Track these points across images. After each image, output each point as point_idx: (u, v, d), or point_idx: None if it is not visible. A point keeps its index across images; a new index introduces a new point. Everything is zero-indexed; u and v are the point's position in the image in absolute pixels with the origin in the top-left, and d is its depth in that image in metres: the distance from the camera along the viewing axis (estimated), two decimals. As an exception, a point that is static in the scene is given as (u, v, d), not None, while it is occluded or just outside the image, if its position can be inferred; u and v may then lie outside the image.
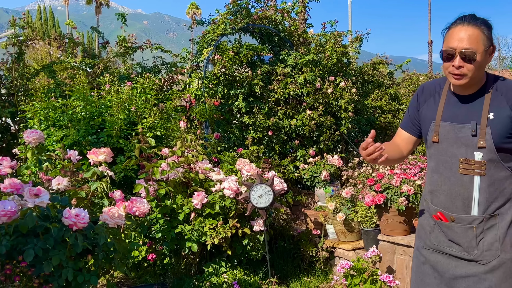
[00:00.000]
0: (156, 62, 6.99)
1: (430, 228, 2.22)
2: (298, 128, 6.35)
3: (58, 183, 3.37)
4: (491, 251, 2.04)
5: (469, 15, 2.03)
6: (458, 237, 2.09)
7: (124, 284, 4.51)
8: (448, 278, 2.13)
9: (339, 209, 4.70)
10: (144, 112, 4.94)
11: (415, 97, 2.32)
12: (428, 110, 2.22)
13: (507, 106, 2.01)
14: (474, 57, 1.95)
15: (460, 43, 1.96)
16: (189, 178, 4.10)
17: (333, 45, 6.78)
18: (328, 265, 4.83)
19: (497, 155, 2.00)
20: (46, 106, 4.77)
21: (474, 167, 2.02)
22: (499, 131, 1.99)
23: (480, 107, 2.04)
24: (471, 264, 2.08)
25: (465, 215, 2.06)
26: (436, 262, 2.19)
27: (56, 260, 2.77)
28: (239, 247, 4.18)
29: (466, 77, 2.00)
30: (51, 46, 14.06)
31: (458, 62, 1.98)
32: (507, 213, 2.05)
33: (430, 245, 2.22)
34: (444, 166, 2.12)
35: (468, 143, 2.03)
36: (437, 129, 2.13)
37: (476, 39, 1.96)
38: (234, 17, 6.47)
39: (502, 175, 2.03)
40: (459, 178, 2.06)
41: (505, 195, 2.05)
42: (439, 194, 2.15)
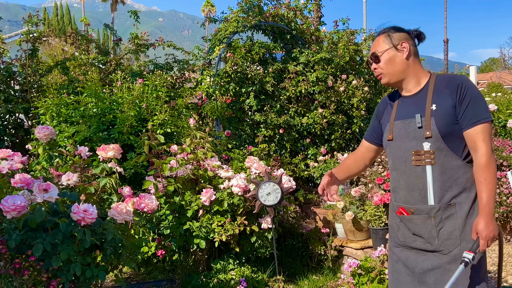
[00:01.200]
0: (168, 59, 7.02)
1: (397, 226, 2.34)
2: (310, 126, 6.34)
3: (68, 179, 3.41)
4: (451, 240, 2.13)
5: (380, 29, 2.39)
6: (420, 229, 2.20)
7: (134, 280, 4.56)
8: (418, 273, 2.23)
9: (348, 208, 4.68)
10: (155, 109, 4.97)
11: (376, 109, 2.54)
12: (386, 116, 2.42)
13: (449, 97, 2.16)
14: (378, 56, 2.28)
15: (370, 52, 2.35)
16: (198, 175, 4.12)
17: (345, 43, 6.76)
18: (336, 264, 4.82)
19: (444, 143, 2.13)
20: (58, 103, 4.82)
21: (425, 157, 2.16)
22: (443, 120, 2.13)
23: (423, 102, 2.22)
24: (435, 256, 2.18)
25: (422, 206, 2.18)
26: (406, 259, 2.28)
27: (65, 255, 2.81)
28: (247, 245, 4.20)
29: (384, 75, 2.29)
30: (67, 43, 14.20)
31: (373, 66, 2.33)
32: (464, 202, 2.14)
33: (399, 242, 2.33)
34: (399, 161, 2.27)
35: (417, 135, 2.19)
36: (391, 128, 2.31)
37: (378, 43, 2.31)
38: (246, 15, 6.47)
39: (454, 164, 2.14)
40: (413, 170, 2.20)
41: (460, 184, 2.15)
42: (399, 189, 2.29)
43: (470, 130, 2.12)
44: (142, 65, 7.05)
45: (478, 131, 2.10)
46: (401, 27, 2.34)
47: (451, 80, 2.20)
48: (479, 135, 2.10)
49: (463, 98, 2.13)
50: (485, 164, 2.09)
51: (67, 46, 13.91)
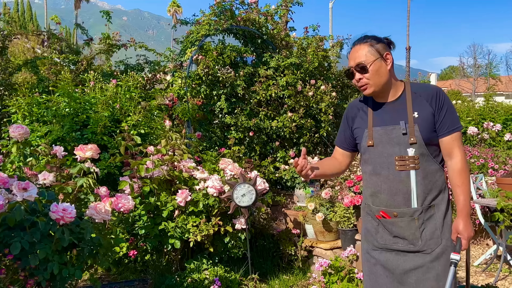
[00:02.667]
0: (139, 60, 7.02)
1: (375, 229, 2.39)
2: (279, 130, 6.46)
3: (44, 178, 3.41)
4: (434, 239, 2.25)
5: (359, 37, 2.38)
6: (403, 231, 2.27)
7: (105, 280, 4.55)
8: (399, 274, 2.29)
9: (318, 209, 4.82)
10: (128, 110, 4.98)
11: (344, 116, 2.55)
12: (360, 122, 2.44)
13: (427, 104, 2.27)
14: (366, 67, 2.27)
15: (353, 61, 2.32)
16: (173, 176, 4.17)
17: (314, 49, 6.91)
18: (306, 264, 4.95)
19: (426, 149, 2.24)
20: (30, 102, 4.77)
21: (409, 162, 2.23)
22: (425, 127, 2.24)
23: (404, 109, 2.30)
24: (417, 256, 2.26)
25: (406, 209, 2.25)
26: (386, 261, 2.34)
27: (43, 254, 2.82)
28: (221, 245, 4.27)
29: (370, 85, 2.31)
30: (29, 40, 13.89)
31: (357, 76, 2.31)
32: (441, 203, 2.28)
33: (377, 245, 2.38)
34: (381, 166, 2.31)
35: (401, 142, 2.25)
36: (371, 134, 2.34)
37: (364, 53, 2.29)
38: (218, 18, 6.54)
39: (433, 168, 2.26)
40: (397, 175, 2.26)
41: (438, 187, 2.28)
42: (379, 194, 2.33)
43: (447, 137, 2.26)
44: (111, 65, 7.02)
45: (454, 139, 2.26)
46: (378, 37, 2.39)
47: (427, 89, 2.32)
48: (455, 142, 2.26)
49: (441, 107, 2.25)
50: (462, 169, 2.25)
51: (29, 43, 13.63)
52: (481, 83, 37.02)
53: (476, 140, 7.85)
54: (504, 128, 8.25)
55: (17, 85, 5.49)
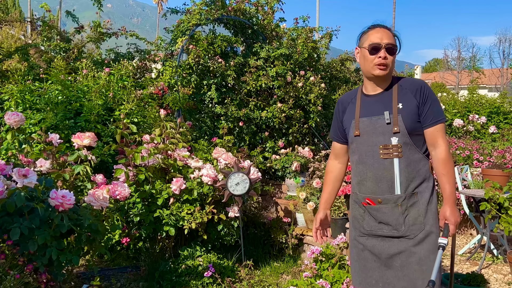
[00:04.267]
0: (130, 49, 7.00)
1: (361, 216, 2.49)
2: (268, 120, 6.52)
3: (41, 165, 3.44)
4: (416, 225, 2.35)
5: (386, 24, 2.46)
6: (387, 217, 2.37)
7: (98, 267, 4.59)
8: (384, 258, 2.40)
9: (310, 198, 4.91)
10: (121, 98, 5.00)
11: (336, 110, 2.66)
12: (348, 114, 2.54)
13: (412, 97, 2.37)
14: (395, 51, 2.39)
15: (384, 40, 2.38)
16: (168, 165, 4.22)
17: (304, 40, 6.97)
18: (297, 252, 5.04)
19: (409, 138, 2.33)
20: (22, 89, 4.76)
21: (392, 150, 2.34)
22: (409, 118, 2.33)
23: (390, 100, 2.40)
24: (401, 241, 2.37)
25: (390, 195, 2.36)
26: (373, 246, 2.44)
27: (42, 239, 2.86)
28: (214, 232, 4.34)
29: (388, 68, 2.38)
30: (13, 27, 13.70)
31: (384, 53, 2.36)
32: (425, 191, 2.38)
33: (364, 231, 2.48)
34: (367, 155, 2.41)
35: (385, 131, 2.35)
36: (357, 124, 2.44)
37: (393, 38, 2.41)
38: (209, 8, 6.56)
39: (416, 157, 2.37)
40: (381, 163, 2.36)
41: (421, 175, 2.37)
42: (365, 182, 2.42)
43: (431, 128, 2.36)
44: (102, 54, 6.99)
45: (438, 130, 2.36)
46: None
47: (413, 83, 2.42)
48: (439, 133, 2.37)
49: (425, 99, 2.36)
50: (446, 158, 2.36)
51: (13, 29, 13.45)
52: (464, 76, 37.43)
53: (461, 132, 8.00)
54: (489, 121, 8.42)
55: (9, 72, 5.46)
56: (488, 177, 4.71)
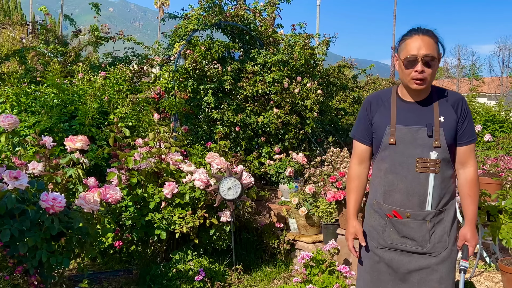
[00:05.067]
0: (127, 53, 7.04)
1: (382, 227, 2.39)
2: (265, 126, 6.55)
3: (33, 168, 3.47)
4: (441, 243, 2.30)
5: (424, 28, 2.27)
6: (414, 232, 2.30)
7: (90, 270, 4.61)
8: (402, 273, 2.34)
9: (302, 204, 4.93)
10: (116, 102, 5.03)
11: (364, 110, 2.48)
12: (381, 117, 2.39)
13: (453, 111, 2.28)
14: (434, 62, 2.20)
15: (421, 50, 2.19)
16: (160, 169, 4.24)
17: (301, 47, 7.00)
18: (289, 257, 5.06)
19: (448, 154, 2.26)
20: (18, 92, 4.80)
21: (430, 165, 2.24)
22: (449, 133, 2.26)
23: (431, 112, 2.29)
24: (423, 257, 2.31)
25: (420, 211, 2.28)
26: (391, 260, 2.36)
27: (32, 241, 2.88)
28: (206, 237, 4.36)
29: (426, 81, 2.23)
30: (14, 29, 13.77)
31: (421, 67, 2.19)
32: (451, 208, 2.34)
33: (384, 244, 2.39)
34: (401, 166, 2.29)
35: (424, 144, 2.25)
36: (393, 132, 2.30)
37: (433, 46, 2.21)
38: (207, 13, 6.59)
39: (449, 173, 2.30)
40: (416, 176, 2.26)
41: (450, 192, 2.32)
42: (394, 193, 2.32)
43: (466, 147, 2.31)
44: (99, 58, 7.04)
45: (471, 149, 2.32)
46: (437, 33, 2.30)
47: (453, 96, 2.33)
48: (472, 153, 2.32)
49: (465, 116, 2.30)
50: (475, 180, 2.33)
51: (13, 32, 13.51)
52: (464, 83, 37.50)
53: (457, 140, 8.01)
54: (484, 129, 8.45)
55: (6, 75, 5.50)
56: (481, 185, 4.73)
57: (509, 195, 3.95)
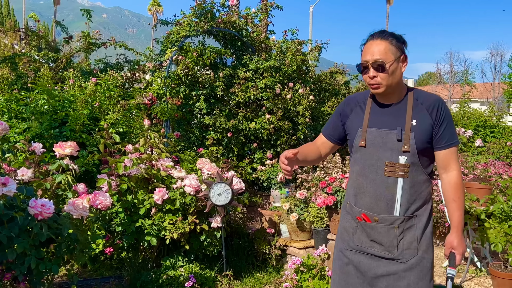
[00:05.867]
0: (119, 59, 7.05)
1: (353, 229, 2.35)
2: (257, 131, 6.56)
3: (23, 174, 3.46)
4: (410, 250, 2.23)
5: (378, 31, 2.26)
6: (381, 237, 2.24)
7: (81, 276, 4.59)
8: (370, 277, 2.28)
9: (293, 209, 4.94)
10: (107, 108, 5.03)
11: (340, 108, 2.46)
12: (355, 118, 2.37)
13: (427, 114, 2.22)
14: (385, 67, 2.17)
15: (371, 56, 2.19)
16: (151, 175, 4.24)
17: (293, 53, 7.04)
18: (280, 262, 5.06)
19: (418, 159, 2.20)
20: (8, 98, 4.79)
21: (398, 169, 2.19)
22: (421, 137, 2.20)
23: (403, 115, 2.24)
24: (391, 263, 2.24)
25: (388, 215, 2.22)
26: (359, 262, 2.31)
27: (21, 248, 2.87)
28: (196, 243, 4.35)
29: (382, 85, 2.21)
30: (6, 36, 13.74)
31: (372, 73, 2.20)
32: (423, 215, 2.26)
33: (353, 246, 2.35)
34: (370, 169, 2.26)
35: (394, 147, 2.21)
36: (364, 134, 2.28)
37: (384, 50, 2.18)
38: (199, 20, 6.62)
39: (421, 178, 2.24)
40: (384, 180, 2.22)
41: (422, 198, 2.25)
42: (363, 196, 2.28)
43: (445, 151, 2.23)
44: (90, 64, 7.04)
45: (452, 152, 2.24)
46: (397, 34, 2.27)
47: (430, 98, 2.26)
48: (453, 156, 2.24)
49: (442, 119, 2.21)
50: (458, 184, 2.25)
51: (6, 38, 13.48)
52: (457, 89, 37.77)
53: (448, 145, 8.05)
54: (475, 134, 8.50)
55: (-4, 81, 5.50)
56: (470, 190, 4.75)
57: (497, 199, 3.97)
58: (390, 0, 47.37)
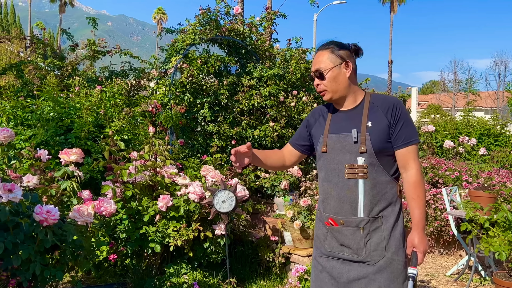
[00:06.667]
0: (124, 67, 7.09)
1: (324, 236, 2.39)
2: (261, 139, 6.58)
3: (28, 181, 3.48)
4: (378, 251, 2.25)
5: (324, 42, 2.40)
6: (348, 240, 2.28)
7: (84, 283, 4.60)
8: (343, 282, 2.30)
9: (297, 217, 4.94)
10: (112, 115, 5.06)
11: (306, 118, 2.58)
12: (318, 127, 2.46)
13: (383, 115, 2.28)
14: (324, 74, 2.31)
15: (314, 67, 2.36)
16: (155, 182, 4.25)
17: (297, 61, 7.07)
18: (283, 270, 5.06)
19: (376, 159, 2.24)
20: (14, 105, 4.83)
21: (358, 171, 2.25)
22: (377, 138, 2.25)
23: (359, 118, 2.32)
24: (361, 266, 2.27)
25: (352, 217, 2.26)
26: (332, 268, 2.34)
27: (26, 254, 2.88)
28: (200, 250, 4.36)
29: (327, 92, 2.34)
30: (12, 43, 13.84)
31: (316, 81, 2.36)
32: (390, 216, 2.29)
33: (325, 252, 2.39)
34: (332, 173, 2.32)
35: (352, 150, 2.27)
36: (325, 140, 2.36)
37: (323, 59, 2.33)
38: (203, 28, 6.66)
39: (383, 179, 2.27)
40: (345, 183, 2.28)
41: (387, 199, 2.29)
42: (329, 200, 2.34)
43: (403, 150, 2.27)
44: (95, 71, 7.09)
45: (410, 151, 2.26)
46: (343, 43, 2.39)
47: (385, 101, 2.32)
48: (411, 155, 2.26)
49: (397, 119, 2.26)
50: (417, 182, 2.27)
51: (12, 46, 13.58)
52: (461, 98, 37.73)
53: (452, 154, 8.07)
54: (479, 143, 8.49)
55: (3, 88, 5.54)
56: (474, 198, 4.75)
57: (501, 208, 3.97)
58: (394, 8, 47.54)
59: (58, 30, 19.03)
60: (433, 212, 5.91)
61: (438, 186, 6.43)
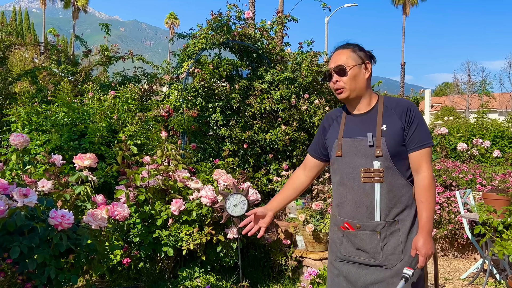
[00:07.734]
0: (136, 72, 7.16)
1: (339, 240, 2.40)
2: (273, 142, 6.59)
3: (43, 186, 3.53)
4: (395, 255, 2.26)
5: (343, 43, 2.42)
6: (365, 244, 2.28)
7: (99, 287, 4.64)
8: (360, 287, 2.30)
9: (309, 220, 4.94)
10: (125, 120, 5.11)
11: (321, 125, 2.58)
12: (332, 132, 2.47)
13: (397, 118, 2.29)
14: (345, 70, 2.31)
15: (333, 64, 2.36)
16: (168, 186, 4.29)
17: (309, 64, 7.07)
18: (296, 274, 5.06)
19: (392, 163, 2.25)
20: (29, 111, 4.90)
21: (374, 175, 2.25)
22: (393, 141, 2.25)
23: (374, 122, 2.32)
24: (378, 270, 2.27)
25: (369, 222, 2.27)
26: (348, 272, 2.34)
27: (41, 258, 2.92)
28: (213, 254, 4.38)
29: (345, 89, 2.33)
30: (26, 50, 14.02)
31: (335, 78, 2.34)
32: (406, 219, 2.29)
33: (341, 256, 2.39)
34: (348, 177, 2.32)
35: (367, 154, 2.27)
36: (340, 144, 2.36)
37: (345, 56, 2.34)
38: (215, 33, 6.70)
39: (399, 182, 2.28)
40: (361, 187, 2.28)
41: (403, 202, 2.29)
42: (345, 205, 2.34)
43: (416, 152, 2.26)
44: (109, 77, 7.16)
45: (423, 154, 2.26)
46: (362, 46, 2.42)
47: (399, 103, 2.33)
48: (424, 158, 2.26)
49: (411, 122, 2.27)
50: (428, 185, 2.25)
51: (26, 52, 13.75)
52: (475, 99, 37.41)
53: (465, 156, 8.01)
54: (493, 145, 8.42)
55: (17, 94, 5.62)
56: (488, 201, 4.71)
57: (516, 211, 3.93)
58: (406, 11, 47.35)
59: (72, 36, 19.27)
60: (447, 215, 5.87)
61: (451, 189, 6.38)
